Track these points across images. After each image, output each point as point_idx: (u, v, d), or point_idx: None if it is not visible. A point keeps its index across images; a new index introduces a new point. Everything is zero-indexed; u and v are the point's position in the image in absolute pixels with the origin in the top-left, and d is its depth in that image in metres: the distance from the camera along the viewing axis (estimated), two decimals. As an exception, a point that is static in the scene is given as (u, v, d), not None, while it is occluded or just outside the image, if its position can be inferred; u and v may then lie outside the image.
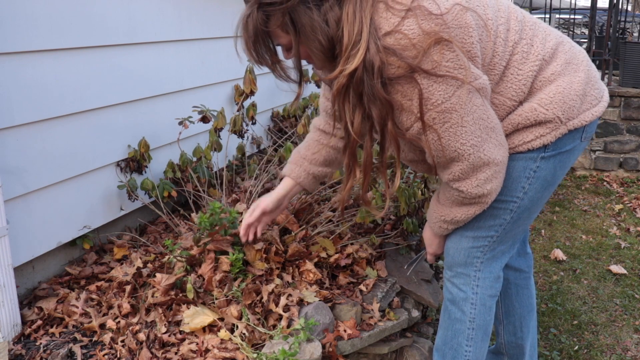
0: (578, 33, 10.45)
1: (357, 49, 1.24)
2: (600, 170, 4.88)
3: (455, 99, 1.30)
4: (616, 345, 2.47)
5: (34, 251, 1.93)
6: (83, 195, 2.12)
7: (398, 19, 1.25)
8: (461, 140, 1.35)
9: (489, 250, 1.60)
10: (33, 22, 1.83)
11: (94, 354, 1.67)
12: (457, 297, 1.65)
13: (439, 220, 1.59)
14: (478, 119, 1.35)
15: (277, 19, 1.28)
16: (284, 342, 1.68)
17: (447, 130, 1.34)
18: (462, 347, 1.67)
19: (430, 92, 1.29)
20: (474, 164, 1.39)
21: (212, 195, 2.50)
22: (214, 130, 2.61)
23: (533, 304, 1.89)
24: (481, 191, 1.44)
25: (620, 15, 5.63)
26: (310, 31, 1.27)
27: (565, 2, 7.29)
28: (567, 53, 1.49)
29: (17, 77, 1.80)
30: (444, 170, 1.45)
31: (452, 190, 1.48)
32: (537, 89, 1.45)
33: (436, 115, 1.32)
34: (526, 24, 1.47)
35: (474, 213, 1.51)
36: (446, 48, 1.26)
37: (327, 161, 1.79)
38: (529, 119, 1.44)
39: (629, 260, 3.24)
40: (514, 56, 1.43)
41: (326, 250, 2.09)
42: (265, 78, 3.15)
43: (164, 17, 2.48)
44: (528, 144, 1.46)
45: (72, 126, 2.03)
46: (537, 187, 1.51)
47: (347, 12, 1.25)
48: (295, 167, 1.79)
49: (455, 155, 1.38)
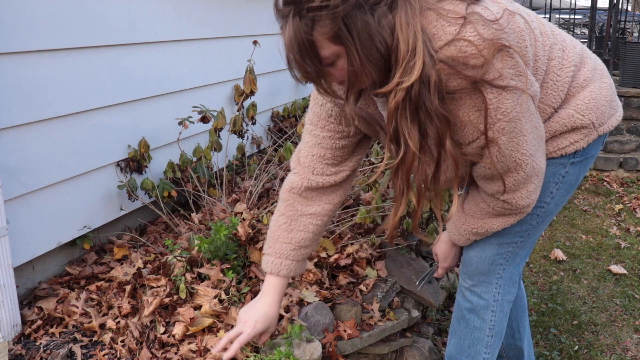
0: (578, 33, 10.44)
1: (414, 61, 1.13)
2: (600, 170, 4.88)
3: (519, 106, 1.24)
4: (616, 345, 2.47)
5: (34, 251, 1.93)
6: (83, 195, 2.12)
7: (457, 27, 1.15)
8: (522, 150, 1.30)
9: (511, 257, 1.58)
10: (33, 22, 1.83)
11: (94, 354, 1.67)
12: (478, 306, 1.63)
13: (469, 233, 1.54)
14: (533, 128, 1.31)
15: (325, 26, 1.11)
16: (284, 342, 1.67)
17: (512, 140, 1.28)
18: (481, 354, 1.66)
19: (500, 100, 1.21)
20: (528, 174, 1.34)
21: (212, 195, 2.50)
22: (214, 130, 2.61)
23: (525, 304, 1.89)
24: (527, 202, 1.40)
25: (620, 15, 5.63)
26: (367, 38, 1.13)
27: (565, 2, 7.29)
28: (592, 59, 1.50)
29: (17, 77, 1.80)
30: (492, 182, 1.38)
31: (495, 201, 1.42)
32: (571, 95, 1.44)
33: (505, 125, 1.25)
34: (551, 28, 1.46)
35: (511, 223, 1.47)
36: (507, 55, 1.19)
37: (318, 234, 1.57)
38: (566, 125, 1.42)
39: (629, 260, 3.24)
40: (552, 61, 1.41)
41: (326, 250, 2.09)
42: (265, 78, 3.15)
43: (164, 17, 2.48)
44: (562, 150, 1.45)
45: (72, 126, 2.03)
46: (563, 191, 1.52)
47: (400, 20, 1.14)
48: (282, 260, 1.55)
49: (513, 166, 1.32)
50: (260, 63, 3.00)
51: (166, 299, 1.79)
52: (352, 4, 1.10)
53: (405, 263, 2.24)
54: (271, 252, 1.56)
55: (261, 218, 2.17)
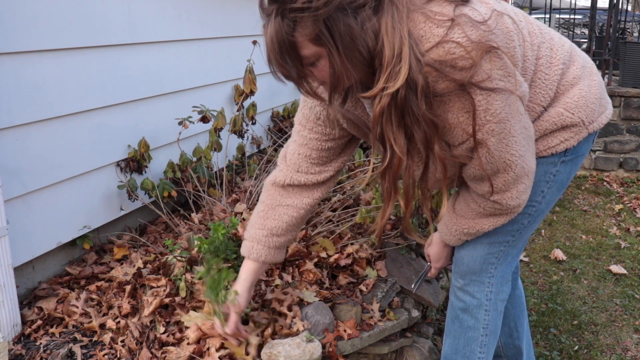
0: (578, 33, 10.44)
1: (399, 66, 1.13)
2: (600, 170, 4.88)
3: (508, 107, 1.25)
4: (616, 345, 2.47)
5: (34, 251, 1.93)
6: (83, 195, 2.12)
7: (444, 29, 1.14)
8: (511, 150, 1.30)
9: (503, 255, 1.59)
10: (33, 22, 1.83)
11: (94, 354, 1.67)
12: (471, 305, 1.63)
13: (460, 233, 1.55)
14: (522, 128, 1.32)
15: (306, 27, 1.11)
16: (283, 342, 1.67)
17: (501, 141, 1.28)
18: (476, 354, 1.66)
19: (489, 102, 1.22)
20: (518, 175, 1.35)
21: (212, 195, 2.50)
22: (214, 130, 2.61)
23: (524, 303, 1.89)
24: (518, 202, 1.41)
25: (620, 15, 5.63)
26: (349, 41, 1.12)
27: (565, 2, 7.28)
28: (581, 56, 1.50)
29: (17, 77, 1.80)
30: (481, 183, 1.39)
31: (486, 202, 1.43)
32: (560, 93, 1.44)
33: (495, 127, 1.25)
34: (539, 27, 1.46)
35: (502, 223, 1.48)
36: (495, 56, 1.19)
37: (291, 226, 1.60)
38: (555, 124, 1.43)
39: (629, 260, 3.24)
40: (540, 60, 1.41)
41: (326, 250, 2.09)
42: (265, 78, 3.14)
43: (164, 17, 2.48)
44: (552, 149, 1.46)
45: (72, 126, 2.03)
46: (554, 190, 1.52)
47: (386, 24, 1.13)
48: (254, 244, 1.60)
49: (503, 167, 1.33)
50: (260, 63, 3.00)
51: (166, 299, 1.79)
52: (334, 6, 1.09)
53: (405, 263, 2.25)
54: (247, 236, 1.63)
55: (261, 218, 2.17)
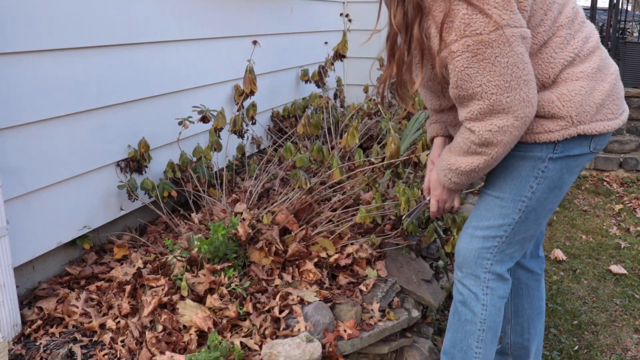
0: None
1: None
2: (600, 170, 4.88)
3: (495, 35, 1.30)
4: (616, 345, 2.47)
5: (34, 251, 1.93)
6: (83, 195, 2.12)
7: None
8: (487, 77, 1.34)
9: (497, 252, 1.60)
10: (33, 22, 1.83)
11: (94, 354, 1.67)
12: (468, 298, 1.64)
13: (445, 168, 1.58)
14: (512, 65, 1.34)
15: None
16: (283, 342, 1.68)
17: (478, 62, 1.33)
18: (472, 349, 1.66)
19: (473, 19, 1.30)
20: (494, 106, 1.37)
21: (212, 195, 2.50)
22: (214, 130, 2.61)
23: (542, 307, 1.89)
24: (491, 138, 1.41)
25: (620, 15, 5.63)
26: None
27: (565, 2, 7.28)
28: (602, 60, 1.51)
29: (17, 77, 1.80)
30: (463, 107, 1.44)
31: (465, 131, 1.46)
32: (562, 80, 1.46)
33: (472, 43, 1.32)
34: (577, 17, 1.49)
35: (477, 166, 1.48)
36: None
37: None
38: (544, 107, 1.44)
39: (629, 260, 3.24)
40: (555, 37, 1.45)
41: (326, 250, 2.09)
42: (265, 78, 3.15)
43: (164, 17, 2.48)
44: (535, 135, 1.46)
45: (72, 126, 2.03)
46: (544, 187, 1.52)
47: None
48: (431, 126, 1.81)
49: (478, 91, 1.36)
50: (260, 63, 3.01)
51: (165, 299, 1.79)
52: None
53: (405, 263, 2.25)
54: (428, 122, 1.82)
55: (261, 218, 2.17)
